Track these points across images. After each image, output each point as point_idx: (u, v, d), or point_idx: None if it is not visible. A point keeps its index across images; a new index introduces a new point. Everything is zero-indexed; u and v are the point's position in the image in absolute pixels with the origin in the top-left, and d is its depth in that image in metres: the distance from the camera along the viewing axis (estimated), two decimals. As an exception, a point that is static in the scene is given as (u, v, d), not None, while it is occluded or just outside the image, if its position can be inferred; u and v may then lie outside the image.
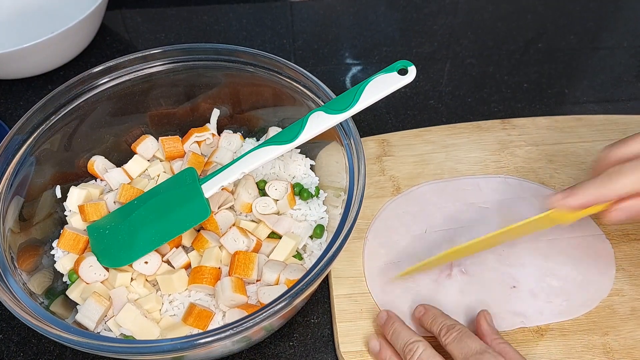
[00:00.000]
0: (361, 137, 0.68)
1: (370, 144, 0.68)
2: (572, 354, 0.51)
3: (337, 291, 0.56)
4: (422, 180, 0.64)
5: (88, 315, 0.49)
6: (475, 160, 0.66)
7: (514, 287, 0.55)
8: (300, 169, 0.61)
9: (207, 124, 0.65)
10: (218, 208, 0.56)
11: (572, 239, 0.59)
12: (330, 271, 0.57)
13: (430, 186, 0.64)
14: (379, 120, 0.74)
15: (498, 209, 0.61)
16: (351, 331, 0.53)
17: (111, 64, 0.58)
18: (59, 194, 0.58)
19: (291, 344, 0.55)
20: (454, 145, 0.68)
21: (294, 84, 0.57)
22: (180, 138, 0.64)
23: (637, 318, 0.53)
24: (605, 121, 0.70)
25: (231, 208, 0.58)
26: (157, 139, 0.64)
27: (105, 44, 0.87)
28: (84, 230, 0.56)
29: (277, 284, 0.51)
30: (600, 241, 0.59)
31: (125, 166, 0.61)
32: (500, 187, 0.63)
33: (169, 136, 0.63)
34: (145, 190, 0.57)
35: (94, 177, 0.62)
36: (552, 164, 0.66)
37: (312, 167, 0.62)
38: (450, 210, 0.62)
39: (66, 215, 0.59)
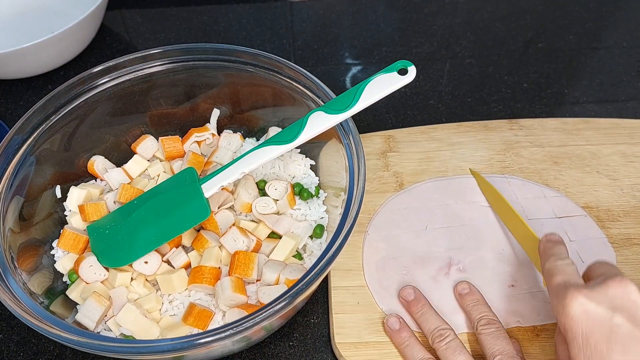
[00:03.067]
0: (366, 132, 0.69)
1: (376, 140, 0.68)
2: None
3: (335, 283, 0.56)
4: (426, 177, 0.64)
5: (88, 315, 0.49)
6: (481, 159, 0.66)
7: (512, 285, 0.55)
8: (300, 169, 0.62)
9: (207, 124, 0.65)
10: (218, 208, 0.56)
11: (573, 242, 0.59)
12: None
13: (433, 183, 0.64)
14: (378, 120, 0.74)
15: None
16: (347, 323, 0.53)
17: (111, 64, 0.58)
18: (59, 194, 0.58)
19: (291, 344, 0.55)
20: (460, 143, 0.68)
21: (294, 84, 0.57)
22: (180, 138, 0.64)
23: None
24: (612, 125, 0.70)
25: (231, 208, 0.58)
26: (157, 139, 0.64)
27: (105, 44, 0.87)
28: (84, 230, 0.56)
29: (277, 284, 0.51)
30: (602, 245, 0.59)
31: (125, 166, 0.61)
32: (503, 186, 0.63)
33: (169, 136, 0.63)
34: (145, 190, 0.57)
35: (94, 177, 0.62)
36: (557, 165, 0.66)
37: (312, 167, 0.63)
38: (452, 207, 0.62)
39: (66, 215, 0.59)
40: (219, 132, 0.66)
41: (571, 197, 0.63)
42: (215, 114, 0.65)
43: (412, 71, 0.50)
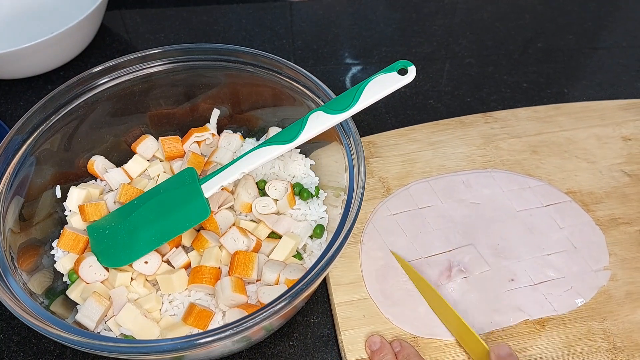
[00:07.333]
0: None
1: None
2: (575, 342, 0.52)
3: (338, 299, 0.55)
4: (411, 179, 0.65)
5: (88, 315, 0.49)
6: (462, 156, 0.67)
7: (512, 280, 0.56)
8: (300, 169, 0.62)
9: (207, 124, 0.65)
10: (218, 208, 0.56)
11: (563, 229, 0.60)
12: (328, 278, 0.57)
13: (420, 185, 0.64)
14: (378, 120, 0.74)
15: (488, 203, 0.62)
16: (357, 338, 0.53)
17: (111, 64, 0.58)
18: (59, 194, 0.58)
19: (291, 343, 0.55)
20: (439, 142, 0.68)
21: (294, 84, 0.58)
22: (180, 138, 0.64)
23: (632, 301, 0.55)
24: (583, 108, 0.71)
25: (231, 208, 0.58)
26: (157, 139, 0.64)
27: (105, 44, 0.87)
28: (84, 230, 0.56)
29: (277, 284, 0.51)
30: (590, 228, 0.60)
31: (125, 166, 0.61)
32: (488, 181, 0.64)
33: (169, 136, 0.63)
34: (145, 190, 0.57)
35: (94, 177, 0.62)
36: (537, 154, 0.66)
37: (312, 167, 0.63)
38: (442, 208, 0.62)
39: (66, 215, 0.59)
40: (219, 132, 0.66)
41: (554, 184, 0.64)
42: (215, 114, 0.65)
43: (412, 71, 0.50)
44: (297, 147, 0.55)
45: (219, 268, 0.53)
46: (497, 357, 0.48)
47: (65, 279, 0.55)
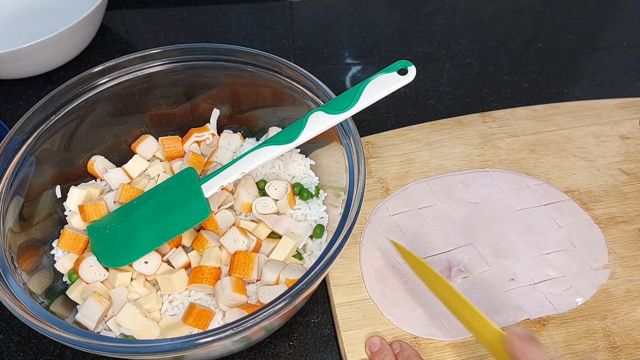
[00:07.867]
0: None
1: None
2: (575, 341, 0.52)
3: (338, 299, 0.55)
4: (410, 179, 0.65)
5: (88, 315, 0.49)
6: (460, 156, 0.67)
7: (512, 279, 0.56)
8: (300, 169, 0.62)
9: (207, 124, 0.65)
10: (218, 208, 0.56)
11: (562, 228, 0.60)
12: (328, 279, 0.57)
13: (419, 185, 0.64)
14: (378, 120, 0.74)
15: (487, 203, 0.62)
16: (357, 339, 0.53)
17: (111, 64, 0.58)
18: (59, 194, 0.58)
19: (291, 343, 0.55)
20: (437, 142, 0.68)
21: (294, 84, 0.57)
22: (180, 138, 0.64)
23: (632, 299, 0.55)
24: (579, 107, 0.71)
25: (231, 208, 0.58)
26: (157, 139, 0.64)
27: (105, 44, 0.87)
28: (84, 230, 0.56)
29: (277, 284, 0.51)
30: (590, 226, 0.60)
31: (125, 166, 0.61)
32: (486, 181, 0.64)
33: (169, 136, 0.63)
34: (145, 190, 0.57)
35: (94, 177, 0.62)
36: (535, 153, 0.67)
37: (312, 167, 0.63)
38: (441, 208, 0.62)
39: (66, 215, 0.59)
40: (219, 132, 0.66)
41: (552, 183, 0.64)
42: (215, 114, 0.65)
43: (412, 71, 0.50)
44: (297, 147, 0.55)
45: (219, 268, 0.53)
46: (519, 338, 0.42)
47: (65, 279, 0.55)
